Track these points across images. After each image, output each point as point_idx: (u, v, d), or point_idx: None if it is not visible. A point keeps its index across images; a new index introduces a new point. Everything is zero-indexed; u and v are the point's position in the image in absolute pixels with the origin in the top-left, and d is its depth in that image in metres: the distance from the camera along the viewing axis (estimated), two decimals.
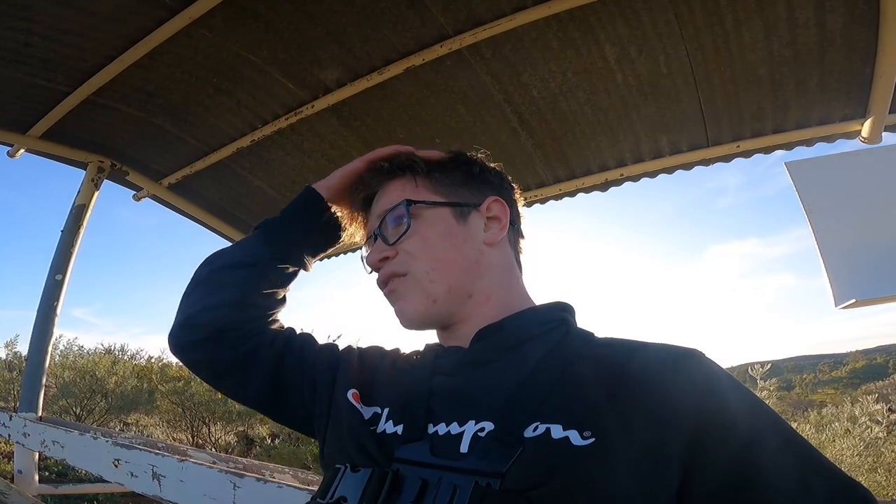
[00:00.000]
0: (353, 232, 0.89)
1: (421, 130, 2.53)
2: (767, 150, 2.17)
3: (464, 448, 0.56)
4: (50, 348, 3.06)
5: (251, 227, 3.40)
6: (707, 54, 1.81)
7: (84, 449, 2.05)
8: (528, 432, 0.54)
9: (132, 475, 1.74)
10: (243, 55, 2.17)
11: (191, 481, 1.56)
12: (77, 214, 3.22)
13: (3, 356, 9.45)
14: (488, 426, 0.57)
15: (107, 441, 1.91)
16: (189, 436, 8.41)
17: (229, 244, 0.93)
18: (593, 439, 0.52)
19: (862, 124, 2.04)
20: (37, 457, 2.78)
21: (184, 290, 0.84)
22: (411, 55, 2.05)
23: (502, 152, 2.59)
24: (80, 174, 3.22)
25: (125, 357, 9.94)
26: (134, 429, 9.03)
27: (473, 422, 0.58)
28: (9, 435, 2.77)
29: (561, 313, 0.74)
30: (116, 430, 8.62)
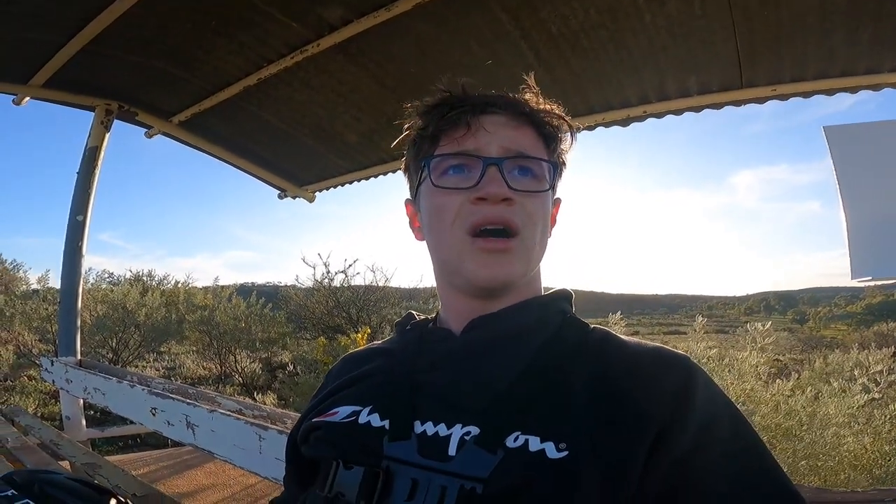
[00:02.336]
0: (440, 125, 0.70)
1: (433, 67, 2.40)
2: (807, 94, 2.04)
3: (451, 451, 0.57)
4: (80, 289, 3.19)
5: (264, 160, 3.39)
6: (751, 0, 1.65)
7: (124, 397, 2.20)
8: (510, 441, 0.56)
9: (169, 423, 1.87)
10: None
11: (221, 431, 1.68)
12: (90, 156, 3.25)
13: (37, 289, 9.92)
14: (474, 430, 0.58)
15: (143, 389, 2.04)
16: (217, 365, 8.89)
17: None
18: (567, 452, 0.54)
19: None
20: (82, 402, 2.98)
21: None
22: None
23: (517, 88, 2.48)
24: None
25: (153, 283, 10.34)
26: (167, 358, 9.60)
27: (460, 425, 0.59)
28: (53, 380, 2.97)
29: (559, 304, 0.73)
30: (151, 360, 9.16)
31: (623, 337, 0.68)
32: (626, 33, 1.92)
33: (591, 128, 2.67)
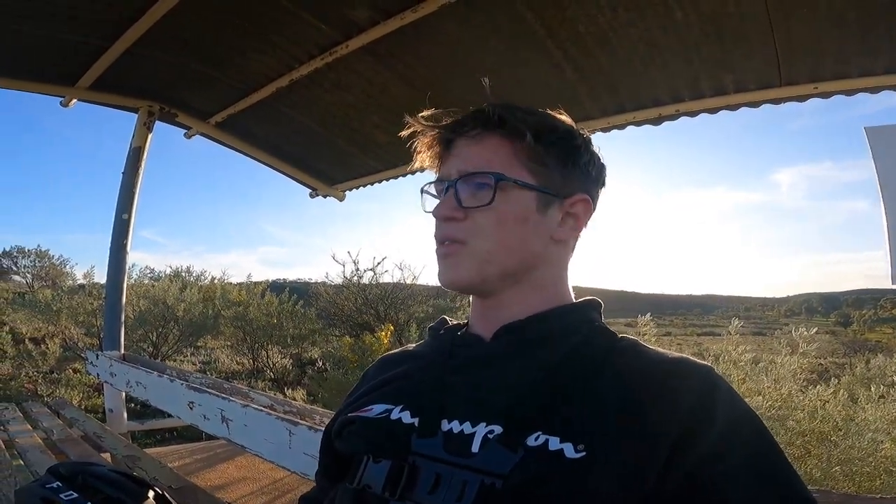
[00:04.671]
0: (425, 158, 0.79)
1: (460, 67, 2.42)
2: (850, 92, 1.96)
3: (475, 448, 0.60)
4: (125, 285, 3.32)
5: (296, 159, 3.46)
6: None
7: (164, 391, 2.28)
8: (531, 441, 0.58)
9: (205, 418, 1.94)
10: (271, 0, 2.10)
11: (253, 426, 1.73)
12: (135, 157, 3.38)
13: (83, 283, 10.34)
14: (497, 429, 0.60)
15: (182, 384, 2.12)
16: (250, 360, 9.11)
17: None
18: (584, 453, 0.55)
19: None
20: (124, 395, 3.10)
21: None
22: None
23: (544, 87, 2.46)
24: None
25: (191, 278, 10.65)
26: (203, 352, 9.90)
27: (484, 424, 0.61)
28: (97, 374, 3.10)
29: (588, 313, 0.74)
30: (188, 354, 9.46)
31: (651, 347, 0.69)
32: (657, 31, 1.88)
33: (621, 126, 2.62)
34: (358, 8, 2.11)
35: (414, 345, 0.87)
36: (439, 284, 0.76)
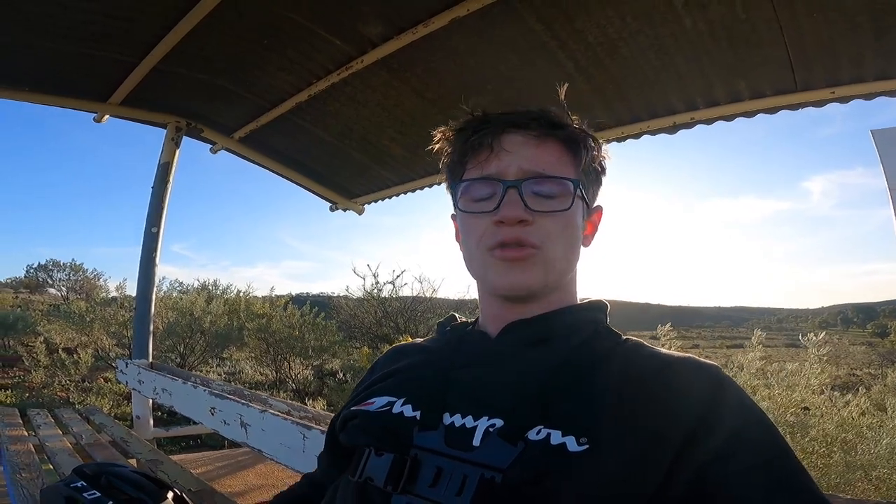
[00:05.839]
0: (451, 146, 0.77)
1: (472, 79, 2.46)
2: (868, 96, 1.92)
3: (476, 442, 0.60)
4: (154, 296, 3.43)
5: (316, 173, 3.49)
6: (795, 1, 1.59)
7: (187, 397, 2.35)
8: (532, 434, 0.58)
9: (225, 422, 1.99)
10: (287, 15, 2.18)
11: (270, 430, 1.77)
12: (163, 172, 3.50)
13: (115, 296, 10.67)
14: (498, 423, 0.60)
15: (205, 391, 2.18)
16: (273, 371, 9.24)
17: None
18: (587, 446, 0.55)
19: None
20: (151, 403, 3.19)
21: None
22: (455, 6, 1.96)
23: (557, 97, 2.47)
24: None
25: (217, 292, 10.89)
26: (228, 363, 10.09)
27: (486, 417, 0.61)
28: (126, 381, 3.19)
29: (593, 313, 0.75)
30: (214, 364, 9.65)
31: (655, 347, 0.69)
32: (667, 39, 1.88)
33: (636, 136, 2.61)
34: (371, 23, 2.17)
35: (423, 339, 0.88)
36: (493, 288, 0.72)
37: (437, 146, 0.79)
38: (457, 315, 0.85)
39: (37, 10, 2.16)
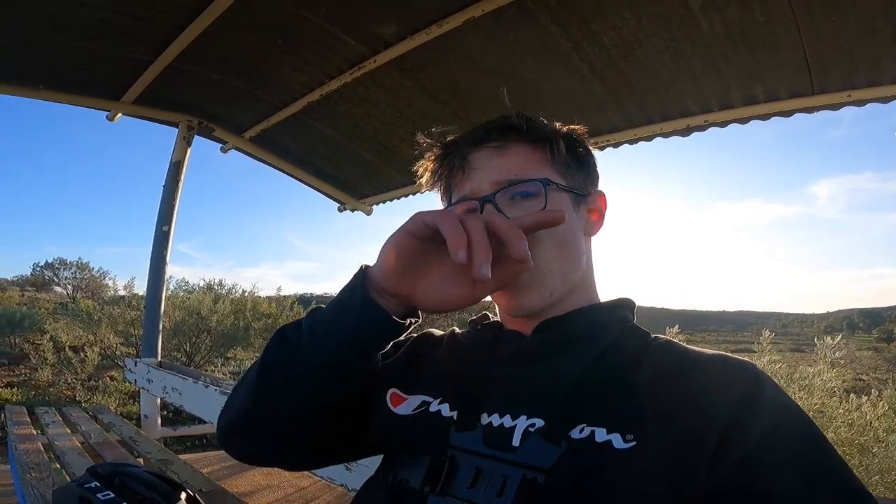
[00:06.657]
0: (435, 176, 0.77)
1: (486, 81, 2.45)
2: (885, 100, 1.90)
3: (515, 441, 0.58)
4: (164, 295, 3.43)
5: (325, 173, 3.50)
6: (813, 5, 1.58)
7: (197, 396, 2.35)
8: (575, 433, 0.56)
9: None
10: (302, 15, 2.18)
11: None
12: (174, 171, 3.51)
13: (124, 295, 10.70)
14: (539, 423, 0.59)
15: (215, 390, 2.17)
16: None
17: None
18: (635, 443, 0.54)
19: None
20: (159, 401, 3.19)
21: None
22: (470, 6, 1.96)
23: (570, 98, 2.46)
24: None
25: (223, 291, 10.91)
26: (233, 363, 10.10)
27: (525, 417, 0.60)
28: (135, 380, 3.19)
29: (622, 311, 0.74)
30: (219, 363, 9.67)
31: (685, 345, 0.68)
32: (683, 42, 1.87)
33: (648, 138, 2.60)
34: (385, 23, 2.17)
35: (460, 330, 0.84)
36: (505, 311, 0.72)
37: (423, 178, 0.80)
38: (489, 314, 0.83)
39: (56, 10, 2.17)
